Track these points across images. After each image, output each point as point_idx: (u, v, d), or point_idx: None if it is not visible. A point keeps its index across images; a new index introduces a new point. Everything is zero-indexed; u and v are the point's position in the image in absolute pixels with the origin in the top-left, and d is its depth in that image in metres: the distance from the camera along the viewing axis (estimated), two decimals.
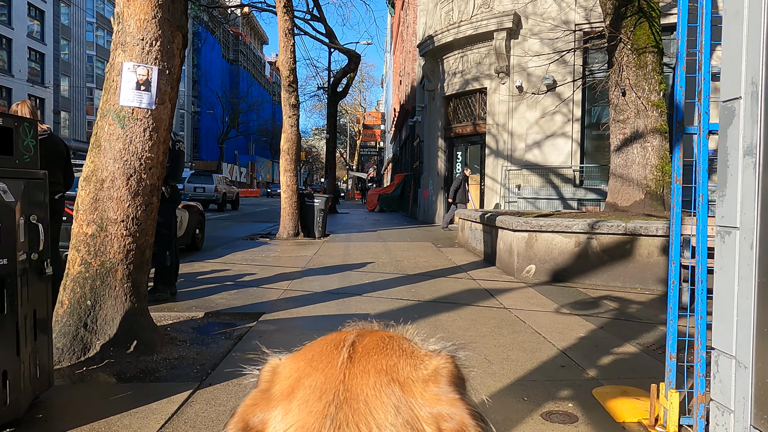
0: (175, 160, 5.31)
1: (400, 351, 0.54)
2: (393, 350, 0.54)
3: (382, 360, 0.52)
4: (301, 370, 0.53)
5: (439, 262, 8.18)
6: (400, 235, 13.21)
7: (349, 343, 0.54)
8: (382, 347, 0.54)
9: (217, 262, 8.12)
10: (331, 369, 0.51)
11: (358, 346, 0.54)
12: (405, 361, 0.52)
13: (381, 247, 10.14)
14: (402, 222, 19.04)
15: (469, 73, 16.32)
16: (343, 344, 0.54)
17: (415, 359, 0.53)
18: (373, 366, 0.51)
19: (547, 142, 14.93)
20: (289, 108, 11.95)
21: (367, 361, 0.52)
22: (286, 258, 8.58)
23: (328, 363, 0.52)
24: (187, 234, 9.96)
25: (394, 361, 0.52)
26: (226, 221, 19.62)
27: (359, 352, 0.53)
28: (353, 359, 0.52)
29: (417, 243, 11.03)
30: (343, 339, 0.55)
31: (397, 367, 0.51)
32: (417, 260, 8.32)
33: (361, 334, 0.56)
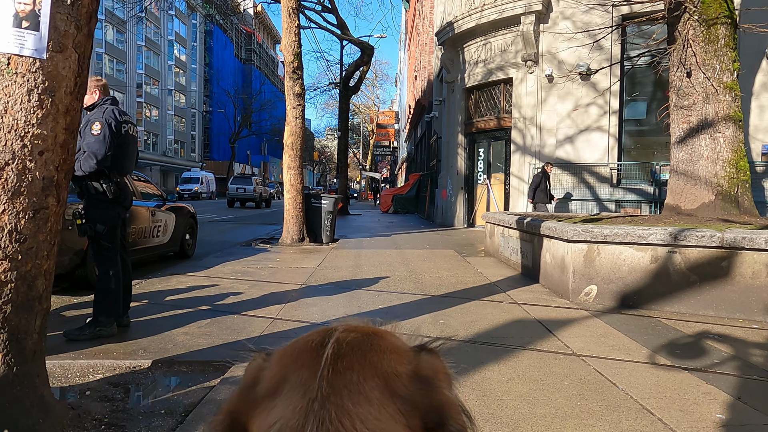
0: (123, 147, 3.94)
1: (385, 346, 0.53)
2: (377, 346, 0.53)
3: (366, 355, 0.51)
4: (287, 366, 0.52)
5: (467, 276, 6.74)
6: (417, 240, 11.78)
7: (333, 339, 0.53)
8: (367, 343, 0.53)
9: (202, 275, 6.76)
10: (314, 365, 0.50)
11: (342, 341, 0.53)
12: (389, 357, 0.52)
13: (397, 256, 8.71)
14: (418, 225, 17.61)
15: (492, 62, 14.84)
16: (328, 339, 0.53)
17: (399, 354, 0.53)
18: (357, 362, 0.51)
19: (581, 137, 13.41)
20: (294, 97, 10.57)
21: (351, 356, 0.51)
22: (285, 270, 7.19)
23: (312, 359, 0.51)
24: (174, 240, 8.64)
25: (377, 357, 0.51)
26: (230, 223, 18.35)
27: (344, 347, 0.52)
28: (337, 355, 0.51)
29: (438, 251, 9.59)
30: (328, 334, 0.54)
31: (381, 362, 0.51)
32: (440, 274, 6.88)
33: (346, 330, 0.55)
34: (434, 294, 5.55)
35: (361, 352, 0.52)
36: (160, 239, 8.11)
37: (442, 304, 5.04)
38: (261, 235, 13.09)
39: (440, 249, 9.87)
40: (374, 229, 15.62)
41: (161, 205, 8.31)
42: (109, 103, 3.95)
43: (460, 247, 10.19)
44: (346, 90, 21.82)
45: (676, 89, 7.60)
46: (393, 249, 9.86)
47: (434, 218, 19.10)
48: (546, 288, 5.88)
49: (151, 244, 7.80)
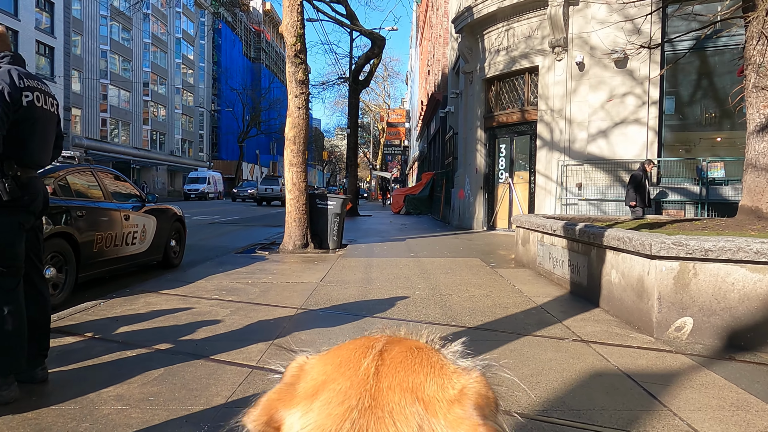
0: (26, 125, 2.68)
1: (428, 367, 0.53)
2: (420, 365, 0.53)
3: (409, 376, 0.51)
4: (328, 373, 0.53)
5: (505, 296, 5.42)
6: (434, 246, 10.47)
7: (376, 352, 0.54)
8: (410, 361, 0.53)
9: (179, 293, 5.50)
10: (356, 377, 0.51)
11: (386, 356, 0.53)
12: (431, 379, 0.51)
13: (414, 267, 7.41)
14: (433, 227, 16.30)
15: (516, 50, 13.49)
16: (371, 352, 0.54)
17: (442, 377, 0.52)
18: (398, 381, 0.51)
19: (616, 131, 12.03)
20: (296, 84, 9.30)
21: (393, 375, 0.51)
22: (280, 287, 5.91)
23: (354, 371, 0.52)
24: (156, 247, 7.40)
25: (420, 379, 0.51)
26: (233, 225, 17.15)
27: (387, 364, 0.52)
28: (380, 371, 0.51)
29: (461, 260, 8.27)
30: (371, 346, 0.55)
31: (424, 385, 0.51)
32: (471, 293, 5.57)
33: (390, 342, 0.56)
34: (469, 325, 4.24)
35: (404, 372, 0.52)
36: (137, 247, 6.88)
37: (482, 343, 3.73)
38: (262, 240, 11.86)
39: (463, 257, 8.55)
40: (386, 233, 14.34)
41: (139, 207, 7.08)
42: (6, 62, 2.69)
43: (486, 255, 8.87)
44: (356, 84, 20.54)
45: (755, 66, 6.22)
46: (409, 257, 8.55)
47: (450, 220, 17.76)
48: (613, 316, 4.54)
49: (125, 253, 6.56)
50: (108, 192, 6.45)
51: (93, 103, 38.20)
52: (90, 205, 5.90)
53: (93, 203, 6.01)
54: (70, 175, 5.89)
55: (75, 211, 5.55)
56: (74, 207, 5.56)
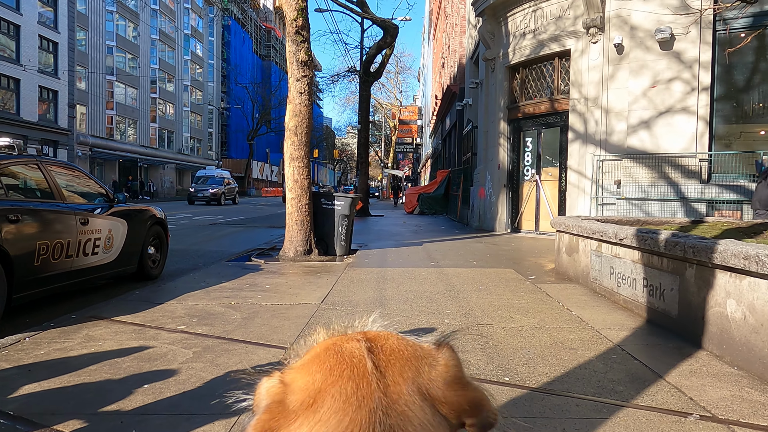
0: None
1: (413, 352, 0.56)
2: (408, 353, 0.55)
3: (406, 365, 0.54)
4: (321, 380, 0.52)
5: (565, 329, 4.08)
6: (457, 252, 9.12)
7: (365, 351, 0.55)
8: (397, 351, 0.55)
9: (138, 321, 4.22)
10: (359, 377, 0.51)
11: (378, 353, 0.55)
12: (422, 362, 0.55)
13: (438, 281, 6.08)
14: (451, 229, 14.96)
15: (544, 32, 12.09)
16: (360, 353, 0.54)
17: (427, 358, 0.56)
18: (399, 373, 0.53)
19: (660, 121, 10.61)
20: (297, 66, 8.00)
21: (393, 368, 0.53)
22: (270, 312, 4.61)
23: (352, 371, 0.52)
24: (128, 256, 6.15)
25: (415, 365, 0.54)
26: (235, 226, 15.93)
27: (382, 359, 0.54)
28: (381, 367, 0.53)
29: (491, 271, 6.92)
30: (353, 346, 0.56)
31: (420, 370, 0.54)
32: (518, 323, 4.23)
33: (369, 339, 0.57)
34: (530, 383, 2.90)
35: (400, 363, 0.54)
36: (100, 257, 5.62)
37: (562, 423, 2.39)
38: (261, 244, 10.59)
39: (493, 267, 7.19)
40: (400, 235, 13.03)
41: (105, 209, 5.83)
42: None
43: (518, 264, 7.51)
44: (367, 76, 19.23)
45: None
46: (429, 267, 7.22)
47: (469, 221, 16.38)
48: (735, 367, 3.17)
49: (82, 265, 5.30)
50: (60, 190, 5.20)
51: (99, 100, 37.28)
52: (29, 207, 4.64)
53: (35, 204, 4.76)
54: (6, 169, 4.64)
55: (6, 214, 4.30)
56: (5, 210, 4.31)
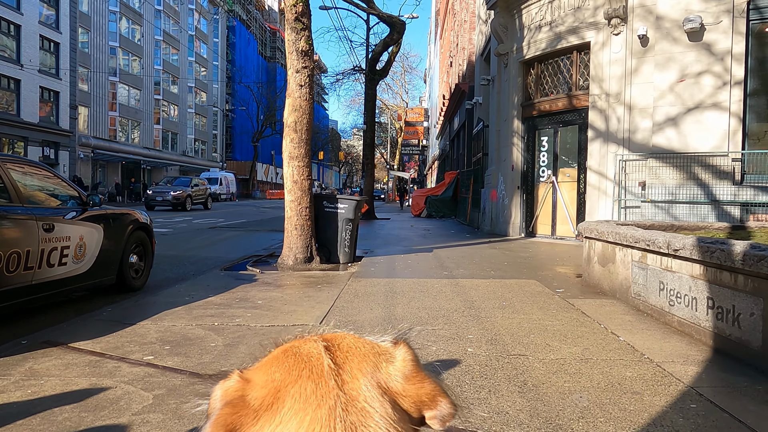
0: None
1: (370, 349, 0.57)
2: (365, 350, 0.57)
3: (363, 362, 0.55)
4: (279, 380, 0.52)
5: (617, 362, 3.32)
6: (471, 259, 8.37)
7: (323, 350, 0.55)
8: (354, 349, 0.56)
9: (98, 348, 3.51)
10: (317, 376, 0.52)
11: (335, 351, 0.55)
12: (379, 358, 0.56)
13: (454, 295, 5.34)
14: (461, 233, 14.20)
15: (561, 24, 11.34)
16: (317, 351, 0.55)
17: (384, 354, 0.57)
18: (358, 369, 0.54)
19: (689, 118, 9.84)
20: (297, 56, 7.29)
21: (350, 365, 0.54)
22: (258, 336, 3.88)
23: (310, 370, 0.53)
24: (104, 266, 5.45)
25: (372, 361, 0.55)
26: (235, 230, 15.24)
27: (339, 357, 0.55)
28: (338, 365, 0.53)
29: (513, 282, 6.17)
30: (310, 347, 0.56)
31: (377, 365, 0.55)
32: (558, 353, 3.48)
33: (326, 340, 0.58)
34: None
35: (357, 361, 0.55)
36: (70, 268, 4.91)
37: None
38: (260, 250, 9.90)
39: (514, 278, 6.44)
40: (408, 240, 12.29)
41: (78, 213, 5.14)
42: None
43: (540, 274, 6.76)
44: (373, 74, 18.52)
45: None
46: (443, 277, 6.47)
47: (480, 225, 15.61)
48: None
49: (45, 278, 4.59)
50: (18, 192, 4.50)
51: (101, 101, 36.77)
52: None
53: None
54: None
55: None
56: None
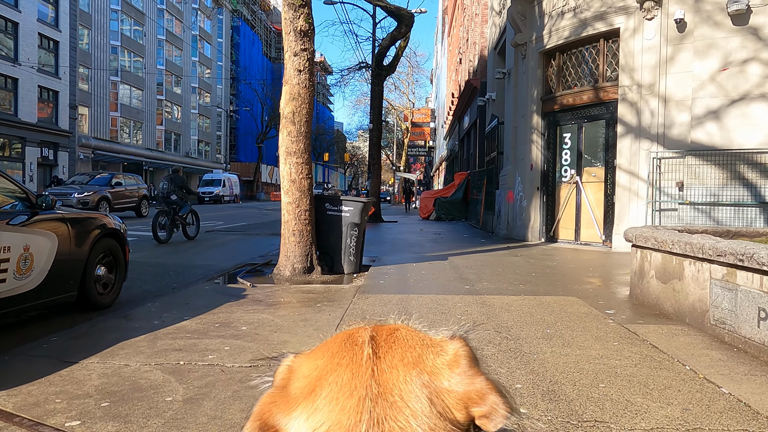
0: None
1: (419, 341, 0.56)
2: (413, 341, 0.55)
3: (407, 353, 0.53)
4: (322, 368, 0.53)
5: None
6: (493, 269, 7.38)
7: (368, 338, 0.54)
8: (402, 339, 0.55)
9: (12, 404, 2.55)
10: (356, 365, 0.52)
11: (379, 340, 0.54)
12: (427, 350, 0.54)
13: (484, 319, 4.35)
14: (475, 237, 13.24)
15: (587, 10, 10.36)
16: (362, 340, 0.54)
17: (435, 347, 0.55)
18: (399, 360, 0.52)
19: (732, 111, 8.84)
20: (296, 37, 6.34)
21: (392, 355, 0.53)
22: (234, 382, 2.92)
23: (351, 359, 0.52)
24: (62, 280, 4.52)
25: (418, 352, 0.54)
26: (234, 234, 14.33)
27: (382, 346, 0.54)
28: (378, 354, 0.53)
29: (550, 299, 5.19)
30: (360, 335, 0.56)
31: (422, 357, 0.53)
32: (653, 419, 2.50)
33: (376, 329, 0.57)
34: None
35: (401, 351, 0.54)
36: (10, 285, 3.98)
37: None
38: (256, 257, 8.97)
39: (550, 294, 5.45)
40: (419, 246, 11.34)
41: (25, 218, 4.21)
42: None
43: (576, 288, 5.76)
44: (380, 69, 17.58)
45: None
46: (465, 293, 5.49)
47: (494, 228, 14.61)
48: None
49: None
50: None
51: (102, 101, 36.03)
52: None
53: None
54: None
55: None
56: None
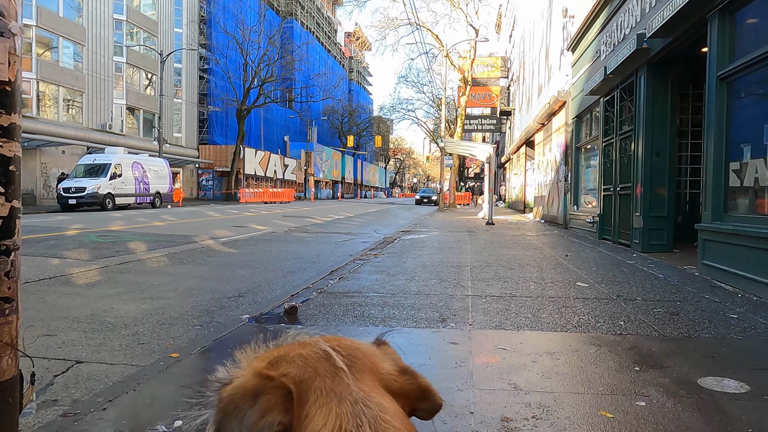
0: None
1: (367, 350, 0.70)
2: (365, 351, 0.69)
3: (367, 362, 0.66)
4: (296, 375, 0.61)
5: None
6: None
7: (330, 350, 0.65)
8: (356, 350, 0.68)
9: None
10: (333, 373, 0.61)
11: (341, 352, 0.65)
12: (376, 359, 0.68)
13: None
14: None
15: None
16: (325, 350, 0.65)
17: (377, 355, 0.70)
18: (366, 369, 0.65)
19: None
20: None
21: (360, 364, 0.65)
22: None
23: (326, 368, 0.61)
24: None
25: (373, 362, 0.67)
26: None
27: (347, 357, 0.65)
28: (350, 365, 0.63)
29: None
30: (319, 346, 0.66)
31: (377, 366, 0.67)
32: None
33: (328, 340, 0.69)
34: None
35: (362, 360, 0.66)
36: None
37: None
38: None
39: None
40: None
41: None
42: None
43: None
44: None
45: None
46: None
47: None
48: None
49: None
50: None
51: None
52: None
53: None
54: None
55: None
56: None
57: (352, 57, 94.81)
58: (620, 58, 9.84)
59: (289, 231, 14.69)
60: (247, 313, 4.88)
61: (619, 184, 10.93)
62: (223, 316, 4.93)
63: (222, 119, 46.51)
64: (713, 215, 6.64)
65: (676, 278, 6.63)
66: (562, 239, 12.24)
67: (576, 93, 15.05)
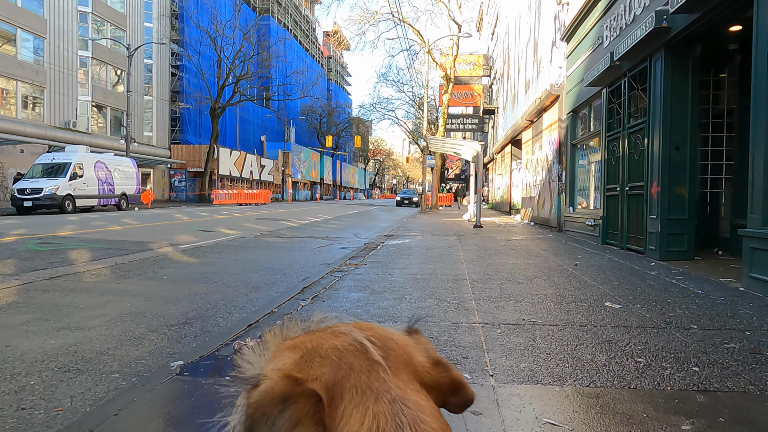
0: None
1: (400, 340, 0.64)
2: (397, 342, 0.63)
3: (401, 355, 0.61)
4: (331, 374, 0.57)
5: None
6: None
7: (365, 341, 0.60)
8: (391, 341, 0.63)
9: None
10: (370, 369, 0.57)
11: (376, 343, 0.61)
12: (409, 350, 0.63)
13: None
14: None
15: None
16: (361, 342, 0.60)
17: (410, 344, 0.65)
18: (400, 362, 0.60)
19: None
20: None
21: (394, 358, 0.60)
22: None
23: (361, 363, 0.58)
24: None
25: (407, 353, 0.62)
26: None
27: (383, 348, 0.60)
28: (386, 358, 0.59)
29: None
30: (356, 337, 0.61)
31: (411, 358, 0.62)
32: None
33: (363, 329, 0.64)
34: None
35: (396, 352, 0.61)
36: None
37: None
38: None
39: None
40: None
41: None
42: None
43: None
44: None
45: None
46: None
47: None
48: None
49: None
50: None
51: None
52: None
53: None
54: None
55: None
56: None
57: (331, 56, 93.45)
58: (632, 41, 8.73)
59: (260, 236, 13.37)
60: (189, 348, 3.64)
61: (628, 183, 9.85)
62: (153, 359, 3.68)
63: (195, 118, 44.76)
64: (763, 219, 5.54)
65: (720, 295, 5.52)
66: (561, 244, 11.13)
67: (572, 86, 13.97)
